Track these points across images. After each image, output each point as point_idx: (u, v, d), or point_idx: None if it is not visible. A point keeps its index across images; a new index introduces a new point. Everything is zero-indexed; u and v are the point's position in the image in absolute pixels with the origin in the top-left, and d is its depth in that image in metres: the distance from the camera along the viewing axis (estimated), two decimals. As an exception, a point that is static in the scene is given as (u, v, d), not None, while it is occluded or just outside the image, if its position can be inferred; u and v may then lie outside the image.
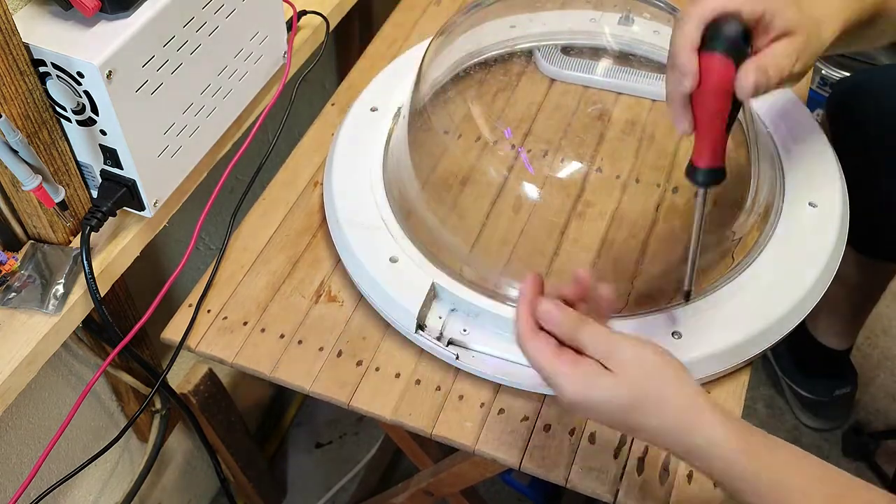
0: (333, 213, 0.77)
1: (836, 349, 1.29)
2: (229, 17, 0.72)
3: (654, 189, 0.77)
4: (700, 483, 0.63)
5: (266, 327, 0.73)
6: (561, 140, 0.81)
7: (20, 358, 0.63)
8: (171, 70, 0.67)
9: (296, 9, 0.87)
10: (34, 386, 0.75)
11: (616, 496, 0.63)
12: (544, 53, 0.89)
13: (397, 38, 1.01)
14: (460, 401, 0.68)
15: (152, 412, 0.92)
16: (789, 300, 0.69)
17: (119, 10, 0.62)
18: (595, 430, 0.66)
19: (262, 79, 0.82)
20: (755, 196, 0.75)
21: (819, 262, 0.71)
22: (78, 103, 0.63)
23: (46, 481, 0.78)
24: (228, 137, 0.81)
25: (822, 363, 1.32)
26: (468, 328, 0.70)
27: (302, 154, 0.88)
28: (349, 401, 0.68)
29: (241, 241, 0.80)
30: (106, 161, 0.67)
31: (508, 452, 0.65)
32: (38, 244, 0.70)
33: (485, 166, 0.78)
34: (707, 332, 0.68)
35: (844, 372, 1.34)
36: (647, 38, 0.85)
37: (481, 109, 0.84)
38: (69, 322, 0.67)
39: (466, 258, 0.73)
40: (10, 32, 0.57)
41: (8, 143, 0.58)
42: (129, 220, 0.73)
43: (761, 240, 0.74)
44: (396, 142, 0.82)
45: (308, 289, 0.76)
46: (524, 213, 0.75)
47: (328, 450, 1.36)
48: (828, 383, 1.33)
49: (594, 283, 0.57)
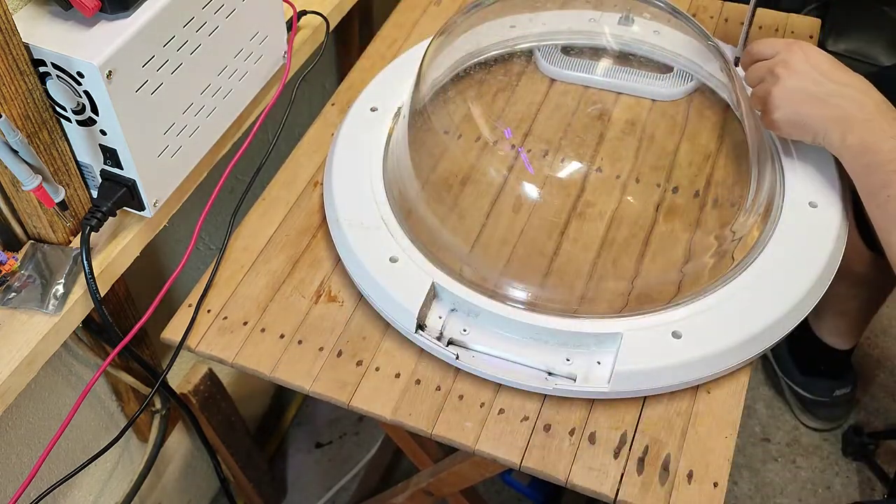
0: (333, 213, 0.77)
1: (839, 349, 1.30)
2: (229, 17, 0.72)
3: (654, 189, 0.77)
4: (700, 483, 0.63)
5: (266, 327, 0.73)
6: (561, 140, 0.81)
7: (20, 358, 0.63)
8: (171, 70, 0.67)
9: (296, 9, 0.87)
10: (34, 386, 0.75)
11: (616, 496, 0.63)
12: (544, 53, 0.89)
13: (397, 38, 1.01)
14: (460, 401, 0.68)
15: (152, 412, 0.92)
16: (789, 300, 0.69)
17: (119, 10, 0.62)
18: (595, 430, 0.66)
19: (262, 79, 0.82)
20: (755, 196, 0.75)
21: (819, 263, 0.71)
22: (78, 103, 0.63)
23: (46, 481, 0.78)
24: (228, 137, 0.81)
25: (824, 363, 1.32)
26: (468, 328, 0.70)
27: (302, 154, 0.88)
28: (349, 401, 0.68)
29: (241, 241, 0.80)
30: (106, 161, 0.67)
31: (508, 452, 0.65)
32: (38, 244, 0.70)
33: (485, 166, 0.79)
34: (707, 332, 0.68)
35: (845, 372, 1.34)
36: (647, 38, 0.85)
37: (481, 109, 0.84)
38: (69, 322, 0.67)
39: (466, 258, 0.73)
40: (10, 32, 0.57)
41: (8, 143, 0.58)
42: (129, 220, 0.73)
43: (761, 240, 0.74)
44: (396, 142, 0.82)
45: (308, 289, 0.76)
46: (524, 213, 0.75)
47: (328, 450, 1.36)
48: (828, 384, 1.33)
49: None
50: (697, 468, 0.64)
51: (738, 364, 0.68)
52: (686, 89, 0.84)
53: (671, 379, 0.66)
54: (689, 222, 0.75)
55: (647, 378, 0.66)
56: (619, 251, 0.73)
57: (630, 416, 0.67)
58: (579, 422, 0.67)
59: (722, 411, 0.67)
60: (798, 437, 1.36)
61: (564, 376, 0.68)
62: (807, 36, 0.99)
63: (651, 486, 0.63)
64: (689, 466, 0.64)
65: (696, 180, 0.78)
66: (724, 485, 0.63)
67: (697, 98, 0.84)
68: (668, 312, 0.69)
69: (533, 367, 0.68)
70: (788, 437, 1.36)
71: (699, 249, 0.73)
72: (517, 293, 0.71)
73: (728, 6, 1.03)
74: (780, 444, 1.35)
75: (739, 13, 1.03)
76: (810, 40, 0.99)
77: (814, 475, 1.33)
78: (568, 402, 0.68)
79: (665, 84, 0.85)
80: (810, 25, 1.01)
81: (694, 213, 0.76)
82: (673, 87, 0.84)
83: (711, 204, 0.76)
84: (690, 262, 0.72)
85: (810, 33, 0.99)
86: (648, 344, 0.67)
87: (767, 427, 1.37)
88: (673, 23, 0.82)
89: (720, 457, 0.65)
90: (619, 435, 0.66)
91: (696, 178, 0.78)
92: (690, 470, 0.64)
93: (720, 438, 0.66)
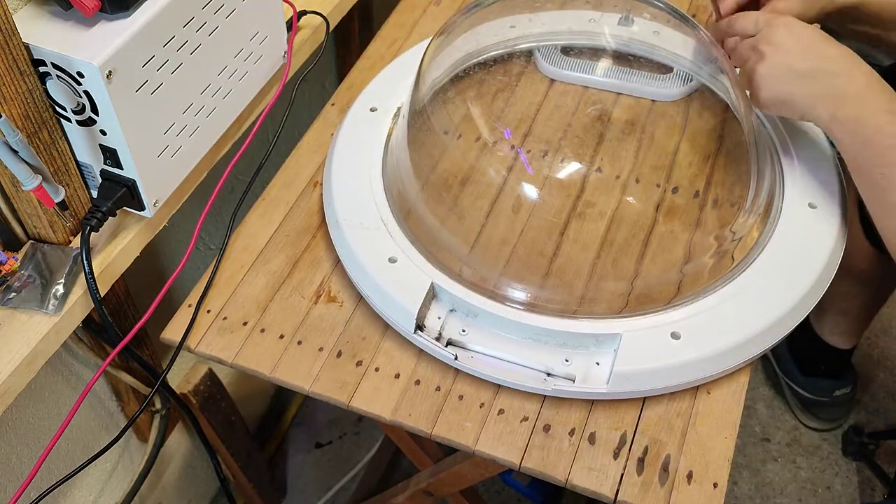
0: (333, 214, 0.77)
1: (840, 348, 1.29)
2: (229, 17, 0.72)
3: (654, 189, 0.77)
4: (700, 483, 0.63)
5: (266, 327, 0.73)
6: (561, 140, 0.81)
7: (20, 358, 0.63)
8: (171, 70, 0.67)
9: (296, 9, 0.87)
10: (34, 386, 0.75)
11: (616, 496, 0.63)
12: (544, 53, 0.89)
13: (397, 38, 1.01)
14: (460, 401, 0.68)
15: (152, 412, 0.92)
16: (789, 300, 0.69)
17: (119, 10, 0.62)
18: (595, 431, 0.66)
19: (262, 79, 0.82)
20: (755, 196, 0.75)
21: (818, 263, 0.72)
22: (78, 103, 0.63)
23: (46, 481, 0.78)
24: (228, 137, 0.81)
25: (825, 363, 1.32)
26: (467, 328, 0.70)
27: (302, 154, 0.88)
28: (349, 401, 0.68)
29: (241, 241, 0.80)
30: (106, 161, 0.67)
31: (508, 452, 0.65)
32: (38, 244, 0.70)
33: (484, 167, 0.79)
34: (706, 332, 0.68)
35: (845, 372, 1.34)
36: (647, 39, 0.85)
37: (481, 110, 0.84)
38: (69, 322, 0.67)
39: (466, 258, 0.73)
40: (10, 32, 0.57)
41: (8, 143, 0.58)
42: (129, 220, 0.73)
43: (761, 240, 0.74)
44: (396, 142, 0.82)
45: (308, 289, 0.76)
46: (524, 214, 0.75)
47: (328, 450, 1.36)
48: (828, 383, 1.33)
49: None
50: (697, 468, 0.64)
51: (737, 364, 0.68)
52: (686, 90, 0.84)
53: (671, 379, 0.66)
54: (688, 223, 0.75)
55: (646, 378, 0.66)
56: (618, 251, 0.73)
57: (630, 417, 0.67)
58: (579, 422, 0.67)
59: (722, 411, 0.67)
60: (798, 437, 1.36)
61: (563, 377, 0.68)
62: (807, 36, 0.99)
63: (651, 486, 0.63)
64: (689, 467, 0.64)
65: (696, 180, 0.78)
66: (724, 485, 0.63)
67: (697, 98, 0.84)
68: (668, 313, 0.69)
69: (532, 368, 0.68)
70: (788, 437, 1.36)
71: (699, 250, 0.73)
72: (516, 294, 0.71)
73: (728, 6, 1.03)
74: (780, 444, 1.35)
75: (739, 13, 1.03)
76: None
77: (814, 475, 1.33)
78: (568, 403, 0.68)
79: (665, 84, 0.85)
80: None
81: (694, 213, 0.76)
82: (673, 87, 0.84)
83: (711, 204, 0.77)
84: (690, 262, 0.72)
85: (810, 33, 0.99)
86: (648, 344, 0.67)
87: (767, 427, 1.37)
88: (673, 23, 0.82)
89: (720, 457, 0.65)
90: (619, 435, 0.66)
91: (695, 178, 0.78)
92: (690, 470, 0.64)
93: (720, 438, 0.66)
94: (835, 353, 1.30)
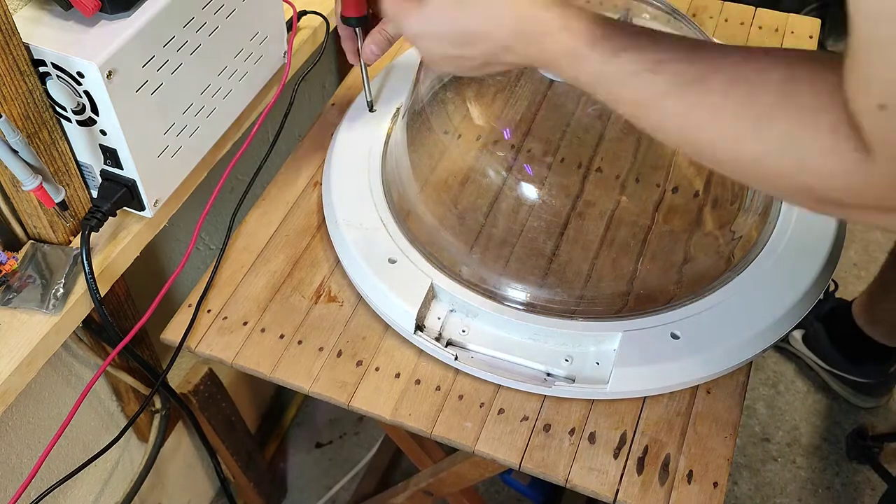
0: (332, 214, 0.77)
1: (889, 345, 1.34)
2: (229, 17, 0.72)
3: (653, 189, 0.77)
4: (700, 483, 0.63)
5: (266, 327, 0.73)
6: (560, 140, 0.81)
7: (20, 358, 0.63)
8: (171, 70, 0.67)
9: (296, 9, 0.87)
10: (34, 386, 0.75)
11: (616, 496, 0.63)
12: (544, 54, 0.88)
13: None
14: (460, 401, 0.68)
15: (152, 412, 0.92)
16: (788, 300, 0.69)
17: (119, 10, 0.62)
18: (595, 431, 0.66)
19: (262, 79, 0.82)
20: (754, 196, 0.75)
21: (817, 263, 0.72)
22: (78, 103, 0.63)
23: (46, 481, 0.78)
24: (228, 137, 0.81)
25: (872, 353, 1.36)
26: (467, 329, 0.70)
27: (302, 154, 0.88)
28: (349, 401, 0.68)
29: (241, 241, 0.80)
30: (106, 161, 0.67)
31: (508, 452, 0.65)
32: (38, 244, 0.70)
33: (484, 167, 0.79)
34: (706, 332, 0.68)
35: (891, 352, 1.38)
36: (647, 39, 0.85)
37: (480, 110, 0.84)
38: (69, 322, 0.67)
39: (465, 259, 0.73)
40: (10, 32, 0.57)
41: (8, 143, 0.58)
42: (129, 220, 0.73)
43: (761, 240, 0.74)
44: (395, 142, 0.82)
45: (308, 289, 0.76)
46: (523, 214, 0.75)
47: (328, 450, 1.36)
48: (876, 367, 1.37)
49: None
50: (697, 468, 0.64)
51: (737, 364, 0.68)
52: (686, 89, 0.84)
53: (670, 379, 0.66)
54: (688, 222, 0.75)
55: (646, 378, 0.66)
56: (618, 251, 0.73)
57: (630, 417, 0.67)
58: (579, 422, 0.67)
59: (722, 411, 0.67)
60: (798, 437, 1.36)
61: (563, 377, 0.68)
62: (807, 36, 0.99)
63: (651, 486, 0.63)
64: (689, 466, 0.64)
65: (696, 180, 0.78)
66: (723, 485, 0.63)
67: (697, 98, 0.84)
68: (667, 313, 0.69)
69: (532, 368, 0.68)
70: (788, 437, 1.36)
71: (698, 249, 0.73)
72: (516, 294, 0.71)
73: (728, 6, 1.03)
74: (780, 444, 1.35)
75: (739, 13, 1.03)
76: (810, 40, 0.99)
77: (814, 475, 1.33)
78: (568, 402, 0.68)
79: (665, 84, 0.84)
80: (810, 26, 1.01)
81: (693, 213, 0.76)
82: (672, 87, 0.84)
83: (711, 204, 0.77)
84: (690, 262, 0.72)
85: (810, 33, 0.99)
86: (647, 344, 0.67)
87: (767, 427, 1.37)
88: (672, 23, 0.82)
89: (720, 457, 0.65)
90: (619, 435, 0.66)
91: (695, 178, 0.78)
92: (690, 470, 0.64)
93: (720, 438, 0.66)
94: (882, 348, 1.35)
